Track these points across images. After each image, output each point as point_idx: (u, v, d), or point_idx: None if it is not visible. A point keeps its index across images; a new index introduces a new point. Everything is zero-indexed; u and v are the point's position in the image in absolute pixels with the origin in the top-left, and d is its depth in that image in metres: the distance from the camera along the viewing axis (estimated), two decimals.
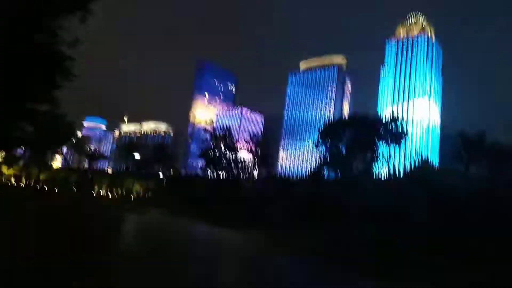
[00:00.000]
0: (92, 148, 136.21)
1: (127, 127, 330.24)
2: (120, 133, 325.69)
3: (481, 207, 19.64)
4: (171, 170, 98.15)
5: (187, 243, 21.56)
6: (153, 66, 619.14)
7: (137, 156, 70.33)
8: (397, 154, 75.71)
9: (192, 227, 33.38)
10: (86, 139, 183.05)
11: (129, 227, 25.73)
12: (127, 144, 74.71)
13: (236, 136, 68.13)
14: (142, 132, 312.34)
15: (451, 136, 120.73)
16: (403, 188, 29.98)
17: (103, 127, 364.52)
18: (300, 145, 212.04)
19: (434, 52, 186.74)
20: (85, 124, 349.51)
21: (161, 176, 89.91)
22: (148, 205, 74.87)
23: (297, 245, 23.77)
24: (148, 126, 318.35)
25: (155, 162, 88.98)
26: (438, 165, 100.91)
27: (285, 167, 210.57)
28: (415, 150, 77.95)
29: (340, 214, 30.77)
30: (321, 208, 35.88)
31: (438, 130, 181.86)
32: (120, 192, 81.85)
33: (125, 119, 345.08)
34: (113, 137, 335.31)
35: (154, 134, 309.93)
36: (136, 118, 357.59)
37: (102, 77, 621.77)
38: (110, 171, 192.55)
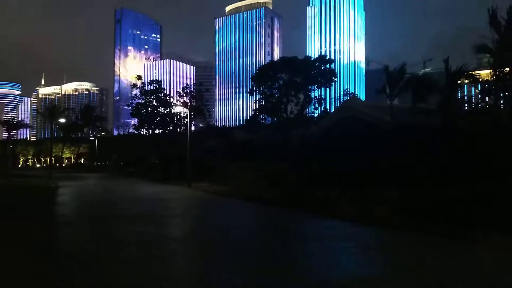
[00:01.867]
0: (9, 116, 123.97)
1: (46, 90, 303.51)
2: (38, 97, 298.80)
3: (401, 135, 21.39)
4: (101, 132, 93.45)
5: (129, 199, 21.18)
6: (67, 19, 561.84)
7: (62, 120, 65.40)
8: (327, 96, 78.45)
9: (132, 188, 32.66)
10: None
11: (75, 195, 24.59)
12: (49, 108, 68.75)
13: (167, 89, 65.72)
14: (64, 94, 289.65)
15: (375, 72, 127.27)
16: (333, 122, 31.48)
17: (17, 92, 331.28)
18: (235, 93, 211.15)
19: None
20: None
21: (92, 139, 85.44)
22: (83, 171, 71.51)
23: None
24: (70, 87, 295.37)
25: (83, 125, 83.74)
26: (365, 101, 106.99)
27: (222, 117, 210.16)
28: (344, 90, 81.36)
29: (276, 155, 31.86)
30: (258, 150, 36.80)
31: (363, 67, 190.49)
32: (49, 161, 76.76)
33: (42, 81, 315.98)
34: (31, 102, 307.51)
35: (77, 94, 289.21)
36: (55, 80, 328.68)
37: (7, 37, 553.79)
38: (33, 139, 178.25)
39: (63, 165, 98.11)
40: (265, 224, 15.32)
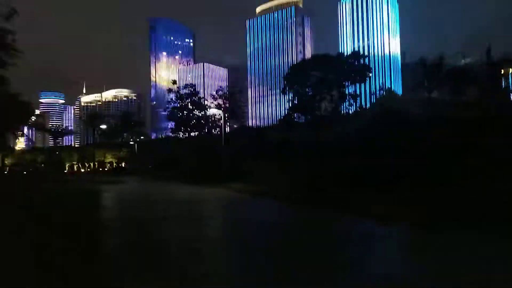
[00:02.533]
0: (54, 124, 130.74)
1: (87, 98, 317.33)
2: (80, 105, 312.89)
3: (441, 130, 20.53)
4: (140, 136, 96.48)
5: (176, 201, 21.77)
6: (104, 31, 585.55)
7: (103, 126, 68.25)
8: (363, 92, 76.75)
9: (171, 190, 33.48)
10: (45, 116, 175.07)
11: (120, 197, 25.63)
12: (91, 115, 72.08)
13: (202, 92, 66.88)
14: (104, 101, 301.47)
15: (412, 65, 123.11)
16: (369, 120, 30.75)
17: (61, 101, 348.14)
18: (268, 93, 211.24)
19: None
20: (42, 100, 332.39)
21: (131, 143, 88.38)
22: (124, 174, 74.08)
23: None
24: (109, 94, 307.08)
25: (123, 130, 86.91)
26: (401, 95, 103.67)
27: (256, 117, 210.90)
28: (379, 85, 79.27)
29: (313, 151, 31.50)
30: (292, 150, 36.54)
31: (399, 61, 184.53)
32: (93, 165, 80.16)
33: (84, 90, 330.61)
34: (74, 110, 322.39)
35: (116, 101, 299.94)
36: (95, 88, 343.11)
37: (51, 49, 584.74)
38: (77, 145, 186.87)
39: (105, 169, 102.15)
40: (302, 226, 15.19)
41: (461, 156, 18.51)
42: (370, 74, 46.79)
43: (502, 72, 21.72)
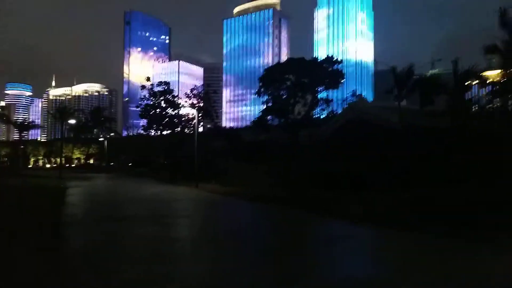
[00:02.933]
0: (20, 117, 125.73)
1: (56, 91, 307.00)
2: (49, 98, 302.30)
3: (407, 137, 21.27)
4: (110, 133, 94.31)
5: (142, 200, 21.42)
6: (77, 22, 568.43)
7: (72, 121, 66.21)
8: (335, 97, 78.01)
9: (141, 187, 32.93)
10: (10, 108, 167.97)
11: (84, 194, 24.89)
12: (60, 109, 69.84)
13: (176, 91, 66.11)
14: (74, 95, 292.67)
15: (384, 72, 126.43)
16: (340, 126, 31.42)
17: (28, 93, 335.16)
18: (243, 94, 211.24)
19: None
20: (8, 92, 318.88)
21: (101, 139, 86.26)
22: (92, 171, 72.20)
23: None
24: (80, 88, 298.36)
25: (93, 126, 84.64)
26: (372, 101, 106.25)
27: (230, 118, 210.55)
28: (352, 91, 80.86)
29: (287, 154, 31.89)
30: (265, 151, 36.85)
31: (372, 68, 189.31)
32: (60, 161, 77.62)
33: (53, 83, 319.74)
34: (42, 104, 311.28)
35: (87, 96, 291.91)
36: (65, 81, 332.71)
37: (17, 39, 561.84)
38: (44, 139, 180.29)
39: (73, 165, 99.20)
40: (269, 224, 15.32)
41: (423, 161, 19.26)
42: (343, 80, 47.70)
43: (467, 83, 22.67)
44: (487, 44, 20.02)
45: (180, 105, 52.18)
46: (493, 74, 23.52)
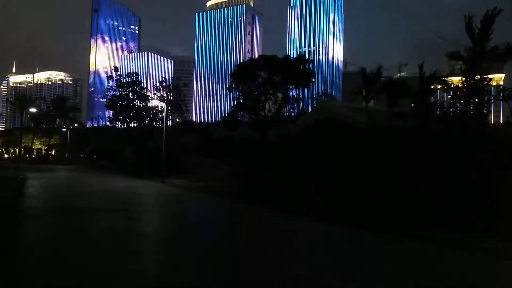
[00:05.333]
0: None
1: (17, 78, 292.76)
2: (9, 85, 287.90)
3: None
4: (74, 123, 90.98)
5: (102, 193, 20.74)
6: (40, 5, 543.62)
7: (33, 110, 63.29)
8: (305, 96, 78.96)
9: (104, 181, 31.99)
10: None
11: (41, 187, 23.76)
12: (20, 97, 66.66)
13: (144, 83, 64.64)
14: (36, 83, 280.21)
15: (353, 74, 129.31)
16: (309, 124, 31.78)
17: None
18: (213, 89, 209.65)
19: None
20: None
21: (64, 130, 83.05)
22: (54, 163, 69.48)
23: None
24: (42, 76, 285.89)
25: (56, 116, 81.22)
26: (341, 101, 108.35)
27: (200, 112, 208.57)
28: (322, 91, 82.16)
29: (252, 152, 31.91)
30: (235, 147, 36.72)
31: (341, 68, 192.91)
32: (18, 151, 74.15)
33: (13, 69, 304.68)
34: (1, 91, 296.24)
35: (50, 84, 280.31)
36: (27, 68, 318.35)
37: None
38: (1, 128, 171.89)
39: (33, 156, 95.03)
40: (228, 219, 15.44)
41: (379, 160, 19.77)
42: (314, 79, 48.27)
43: (432, 87, 23.45)
44: (450, 51, 20.74)
45: (149, 97, 51.07)
46: (455, 80, 24.42)
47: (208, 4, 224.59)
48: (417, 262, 9.23)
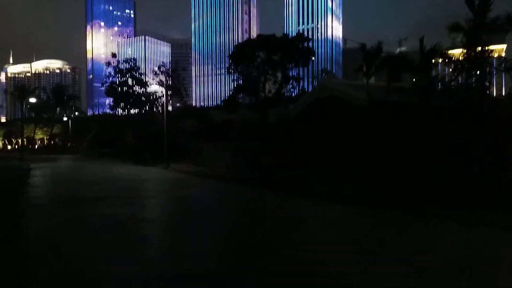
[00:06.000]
0: None
1: (15, 68, 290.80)
2: (7, 75, 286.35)
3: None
4: (75, 112, 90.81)
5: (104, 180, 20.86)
6: None
7: (32, 100, 63.15)
8: (305, 75, 78.24)
9: (107, 169, 32.11)
10: None
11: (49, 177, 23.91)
12: (19, 87, 66.41)
13: (142, 68, 64.10)
14: (34, 72, 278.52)
15: (353, 50, 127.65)
16: (310, 103, 31.52)
17: None
18: (212, 72, 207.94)
19: None
20: None
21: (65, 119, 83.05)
22: (56, 152, 69.75)
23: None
24: (40, 65, 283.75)
25: (56, 105, 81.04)
26: (341, 79, 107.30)
27: (200, 96, 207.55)
28: (322, 69, 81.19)
29: (253, 135, 31.84)
30: (236, 130, 36.65)
31: (341, 45, 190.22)
32: (21, 142, 74.35)
33: (11, 59, 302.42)
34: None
35: (48, 73, 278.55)
36: (24, 58, 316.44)
37: None
38: (3, 119, 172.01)
39: (36, 146, 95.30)
40: (234, 204, 15.49)
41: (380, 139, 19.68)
42: (313, 58, 47.68)
43: (433, 61, 23.11)
44: (451, 22, 20.31)
45: (148, 83, 50.77)
46: (456, 53, 23.99)
47: None
48: (418, 234, 9.43)
